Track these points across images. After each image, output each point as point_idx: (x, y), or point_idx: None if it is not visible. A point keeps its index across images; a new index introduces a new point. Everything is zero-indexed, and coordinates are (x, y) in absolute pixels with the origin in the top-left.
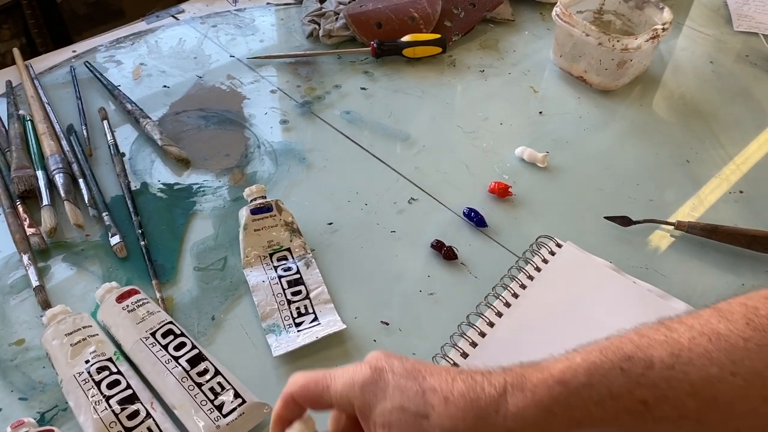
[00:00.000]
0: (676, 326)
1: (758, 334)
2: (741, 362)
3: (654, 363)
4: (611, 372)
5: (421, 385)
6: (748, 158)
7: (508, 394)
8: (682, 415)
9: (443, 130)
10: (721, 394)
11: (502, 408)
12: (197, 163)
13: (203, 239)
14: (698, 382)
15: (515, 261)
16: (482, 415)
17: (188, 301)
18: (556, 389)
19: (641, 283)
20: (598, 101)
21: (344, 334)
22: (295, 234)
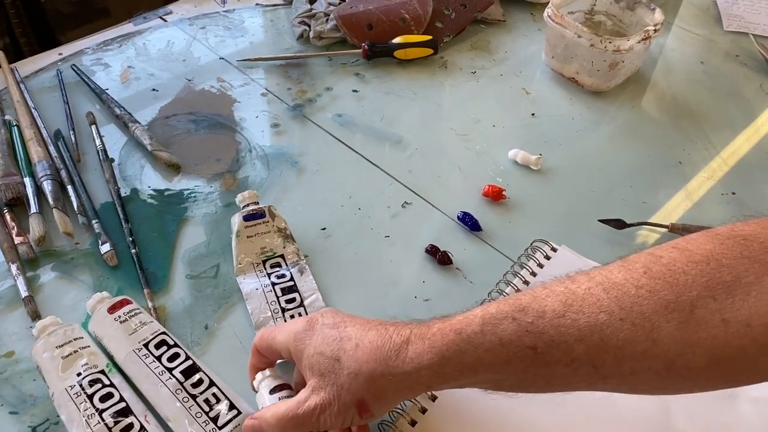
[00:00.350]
0: (579, 278)
1: (652, 281)
2: (630, 308)
3: (546, 312)
4: (503, 321)
5: (340, 333)
6: (740, 159)
7: (410, 342)
8: (573, 359)
9: (436, 133)
10: (608, 338)
11: (402, 353)
12: (188, 169)
13: (195, 246)
14: (586, 328)
15: (510, 266)
16: (384, 359)
17: (181, 310)
18: (450, 336)
19: None
20: (590, 102)
21: None
22: (289, 240)
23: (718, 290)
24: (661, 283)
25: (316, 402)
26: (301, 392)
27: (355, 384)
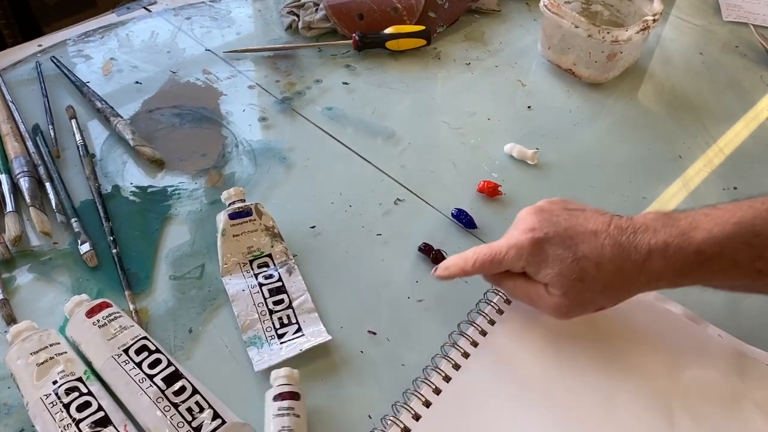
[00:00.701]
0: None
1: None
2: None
3: None
4: (742, 247)
5: (575, 253)
6: (741, 152)
7: (652, 260)
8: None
9: (429, 126)
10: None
11: (644, 272)
12: (172, 164)
13: (179, 246)
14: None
15: None
16: (628, 278)
17: (164, 312)
18: (692, 258)
19: None
20: (587, 95)
21: (330, 345)
22: (276, 239)
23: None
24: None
25: (558, 303)
26: (539, 291)
27: (601, 299)
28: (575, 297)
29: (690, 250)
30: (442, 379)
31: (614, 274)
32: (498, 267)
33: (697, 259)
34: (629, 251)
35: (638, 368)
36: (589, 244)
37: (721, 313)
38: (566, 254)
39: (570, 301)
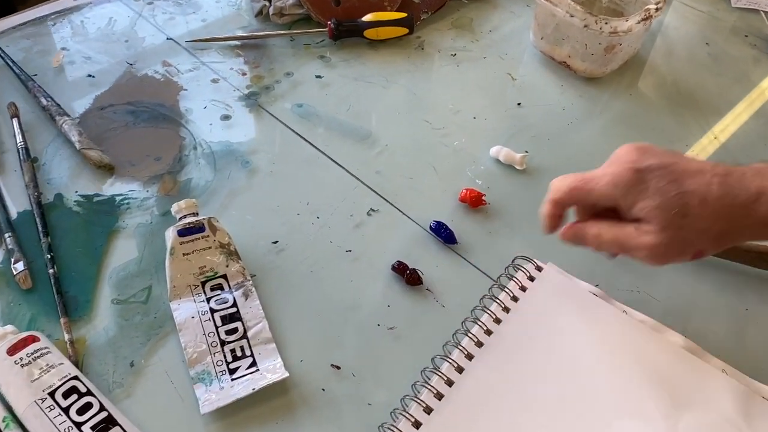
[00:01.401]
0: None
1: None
2: None
3: None
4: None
5: (680, 187)
6: (749, 152)
7: (761, 203)
8: None
9: (409, 126)
10: None
11: (752, 215)
12: (122, 170)
13: (125, 264)
14: None
15: (489, 287)
16: (734, 219)
17: (104, 342)
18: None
19: (633, 313)
20: (583, 90)
21: (288, 382)
22: (233, 257)
23: None
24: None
25: (653, 241)
26: (638, 226)
27: (701, 241)
28: (674, 234)
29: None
30: (412, 425)
31: (720, 213)
32: (588, 195)
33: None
34: (737, 191)
35: (636, 409)
36: (694, 180)
37: (726, 344)
38: (669, 187)
39: (668, 238)
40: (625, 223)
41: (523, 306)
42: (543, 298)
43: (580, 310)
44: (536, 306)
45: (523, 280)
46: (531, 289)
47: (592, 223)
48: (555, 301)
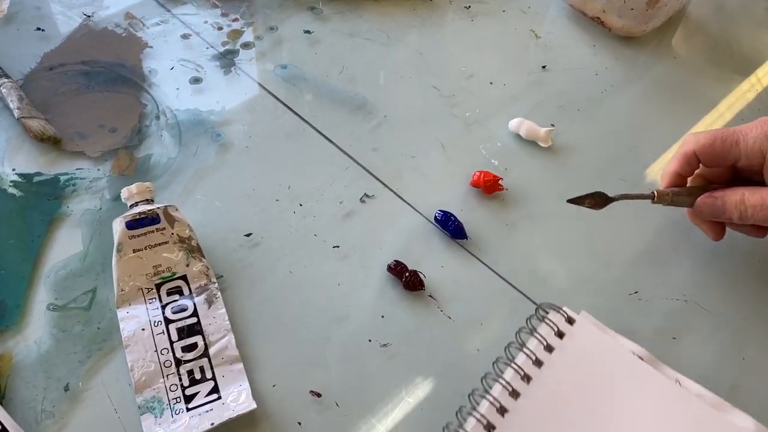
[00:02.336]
0: None
1: None
2: None
3: None
4: None
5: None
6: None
7: None
8: None
9: (413, 93)
10: None
11: None
12: (70, 143)
13: (67, 260)
14: None
15: (504, 348)
16: None
17: (35, 359)
18: None
19: (688, 384)
20: (619, 51)
21: (257, 414)
22: (195, 255)
23: None
24: None
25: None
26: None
27: None
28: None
29: None
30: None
31: None
32: (732, 148)
33: None
34: None
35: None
36: None
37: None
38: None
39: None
40: None
41: (548, 375)
42: (574, 363)
43: (623, 377)
44: (566, 375)
45: (550, 338)
46: (558, 352)
47: (733, 189)
48: (590, 367)
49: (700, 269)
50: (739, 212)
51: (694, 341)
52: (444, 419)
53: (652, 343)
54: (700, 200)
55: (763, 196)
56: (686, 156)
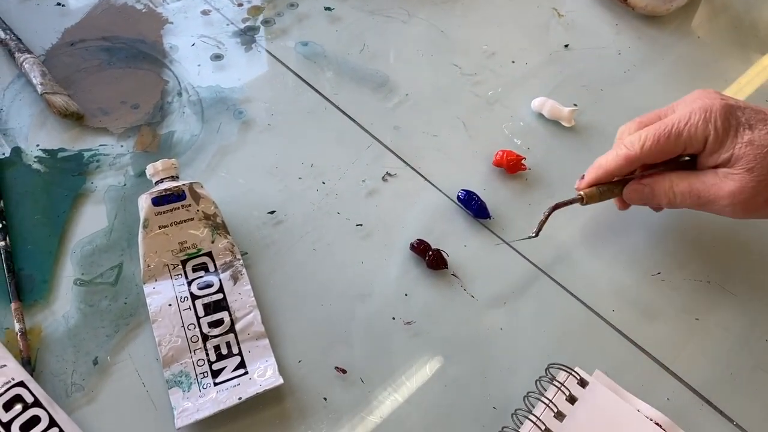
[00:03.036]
0: None
1: None
2: None
3: None
4: None
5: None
6: None
7: None
8: None
9: (435, 71)
10: None
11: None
12: (93, 119)
13: (92, 235)
14: None
15: (511, 415)
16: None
17: (63, 333)
18: None
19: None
20: (641, 31)
21: (282, 389)
22: (220, 231)
23: None
24: None
25: (738, 185)
26: (709, 179)
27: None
28: (764, 175)
29: None
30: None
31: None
32: (677, 141)
33: None
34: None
35: None
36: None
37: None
38: (760, 124)
39: (756, 181)
40: (699, 171)
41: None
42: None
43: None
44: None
45: (560, 403)
46: (570, 418)
47: (661, 175)
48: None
49: (724, 251)
50: (668, 199)
51: (716, 322)
52: (467, 398)
53: (675, 324)
54: (629, 189)
55: (691, 183)
56: (629, 159)
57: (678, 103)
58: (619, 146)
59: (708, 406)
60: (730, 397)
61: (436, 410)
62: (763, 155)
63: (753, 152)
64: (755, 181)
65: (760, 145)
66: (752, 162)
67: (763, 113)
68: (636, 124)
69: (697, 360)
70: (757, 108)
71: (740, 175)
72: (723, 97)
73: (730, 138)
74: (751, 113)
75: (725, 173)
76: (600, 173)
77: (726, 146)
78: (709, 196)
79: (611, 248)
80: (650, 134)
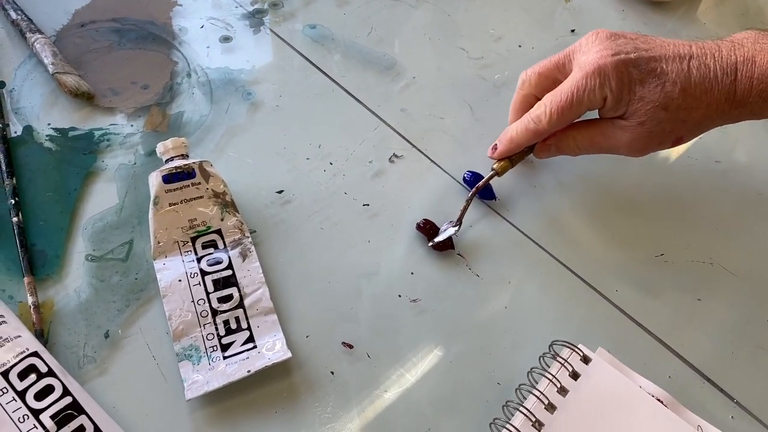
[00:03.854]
0: None
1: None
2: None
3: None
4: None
5: (660, 77)
6: None
7: (738, 81)
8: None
9: (441, 55)
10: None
11: (730, 96)
12: (103, 99)
13: (103, 213)
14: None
15: (515, 390)
16: (713, 103)
17: (75, 307)
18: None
19: (710, 430)
20: (647, 17)
21: (290, 363)
22: (229, 210)
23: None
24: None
25: (632, 136)
26: (608, 130)
27: (681, 129)
28: (654, 126)
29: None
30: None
31: (700, 100)
32: (579, 108)
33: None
34: (716, 72)
35: None
36: (674, 67)
37: None
38: (650, 78)
39: (646, 132)
40: (596, 121)
41: (562, 421)
42: (590, 406)
43: (642, 425)
44: (580, 421)
45: (563, 378)
46: (574, 393)
47: (563, 133)
48: (608, 412)
49: (726, 233)
50: (573, 152)
51: (718, 302)
52: (472, 373)
53: (677, 304)
54: (537, 150)
55: (591, 137)
56: (538, 133)
57: (574, 50)
58: (527, 120)
59: (709, 384)
60: (730, 376)
61: (441, 385)
62: (653, 109)
63: (644, 108)
64: (647, 132)
65: (650, 100)
66: (643, 116)
67: (654, 62)
68: (536, 76)
69: (698, 339)
70: (648, 55)
71: (633, 127)
72: (615, 51)
73: (624, 95)
74: (643, 65)
75: (620, 125)
76: (512, 146)
77: (621, 103)
78: (608, 146)
79: (615, 229)
80: (553, 108)
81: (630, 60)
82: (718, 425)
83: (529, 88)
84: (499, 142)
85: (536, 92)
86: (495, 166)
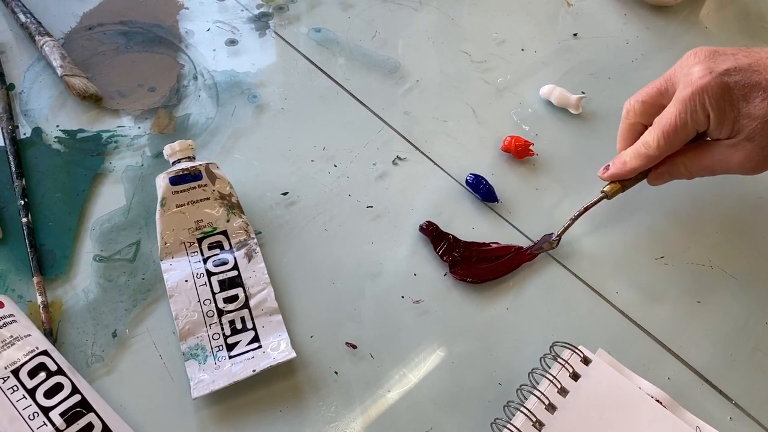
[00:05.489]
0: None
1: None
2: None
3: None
4: None
5: (766, 90)
6: None
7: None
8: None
9: (445, 58)
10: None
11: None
12: (111, 101)
13: (111, 213)
14: None
15: (516, 390)
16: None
17: (83, 306)
18: None
19: (707, 430)
20: (650, 21)
21: (295, 363)
22: (234, 211)
23: None
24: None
25: (747, 155)
26: (718, 151)
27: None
28: (765, 142)
29: None
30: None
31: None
32: (685, 131)
33: None
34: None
35: None
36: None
37: None
38: (754, 93)
39: (759, 148)
40: (705, 144)
41: (562, 422)
42: (590, 407)
43: (641, 425)
44: (581, 421)
45: (564, 379)
46: (574, 393)
47: (673, 160)
48: (608, 413)
49: (726, 236)
50: (686, 176)
51: (718, 305)
52: (473, 374)
53: (676, 306)
54: (651, 178)
55: (701, 161)
56: (650, 159)
57: (675, 72)
58: (639, 146)
59: (708, 386)
60: (729, 378)
61: (443, 385)
62: (761, 124)
63: (751, 124)
64: (758, 148)
65: (757, 116)
66: (752, 133)
67: (757, 74)
68: (640, 104)
69: (697, 341)
70: (750, 69)
71: (743, 145)
72: (714, 69)
73: (728, 114)
74: (744, 80)
75: (729, 144)
76: (625, 170)
77: (726, 122)
78: (720, 168)
79: (616, 232)
80: (660, 132)
81: (730, 76)
82: (717, 426)
83: (635, 116)
84: (612, 164)
85: (642, 120)
86: (606, 189)
